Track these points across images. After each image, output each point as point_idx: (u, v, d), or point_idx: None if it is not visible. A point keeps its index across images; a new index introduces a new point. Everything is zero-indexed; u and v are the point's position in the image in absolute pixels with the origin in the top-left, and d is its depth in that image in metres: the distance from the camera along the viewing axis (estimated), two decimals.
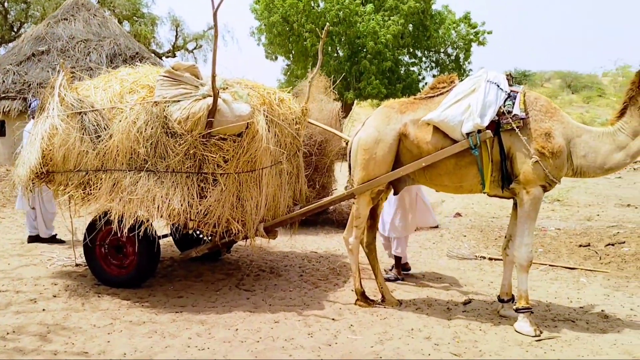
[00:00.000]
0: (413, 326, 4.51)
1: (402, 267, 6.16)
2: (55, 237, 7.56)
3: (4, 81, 14.60)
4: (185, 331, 4.31)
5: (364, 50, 21.58)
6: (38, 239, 7.44)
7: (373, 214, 5.26)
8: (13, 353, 3.79)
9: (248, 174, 5.01)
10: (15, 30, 27.66)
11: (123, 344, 4.02)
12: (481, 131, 4.42)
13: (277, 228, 5.62)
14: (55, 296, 5.14)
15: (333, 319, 4.66)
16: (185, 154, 4.82)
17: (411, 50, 24.02)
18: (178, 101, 4.85)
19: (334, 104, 8.79)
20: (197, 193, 4.85)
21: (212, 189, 4.87)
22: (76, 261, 6.21)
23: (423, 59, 24.76)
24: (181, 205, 4.75)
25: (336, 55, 22.43)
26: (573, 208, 11.12)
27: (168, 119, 4.81)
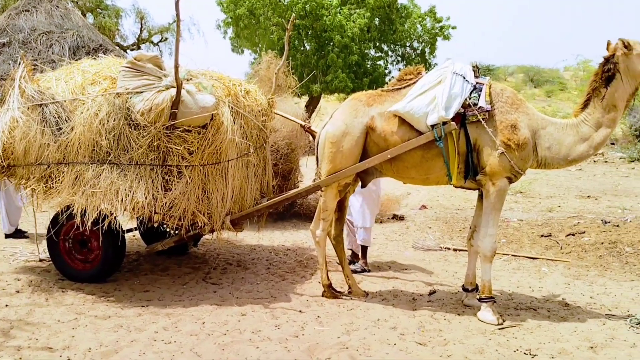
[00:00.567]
0: (379, 316, 4.56)
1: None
2: (20, 231, 7.35)
3: None
4: (151, 325, 4.26)
5: (331, 43, 21.53)
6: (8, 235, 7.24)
7: (340, 207, 5.27)
8: None
9: (213, 166, 4.96)
10: None
11: (88, 339, 3.95)
12: (446, 123, 4.47)
13: (244, 221, 5.60)
14: (18, 292, 5.03)
15: (300, 311, 4.67)
16: (148, 146, 4.74)
17: (377, 44, 24.01)
18: (141, 92, 4.76)
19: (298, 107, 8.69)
20: (162, 186, 4.79)
21: (177, 182, 4.81)
22: (40, 256, 6.07)
23: (389, 53, 24.79)
24: (145, 198, 4.68)
25: (303, 48, 22.31)
26: (535, 200, 11.39)
27: (131, 111, 4.73)
